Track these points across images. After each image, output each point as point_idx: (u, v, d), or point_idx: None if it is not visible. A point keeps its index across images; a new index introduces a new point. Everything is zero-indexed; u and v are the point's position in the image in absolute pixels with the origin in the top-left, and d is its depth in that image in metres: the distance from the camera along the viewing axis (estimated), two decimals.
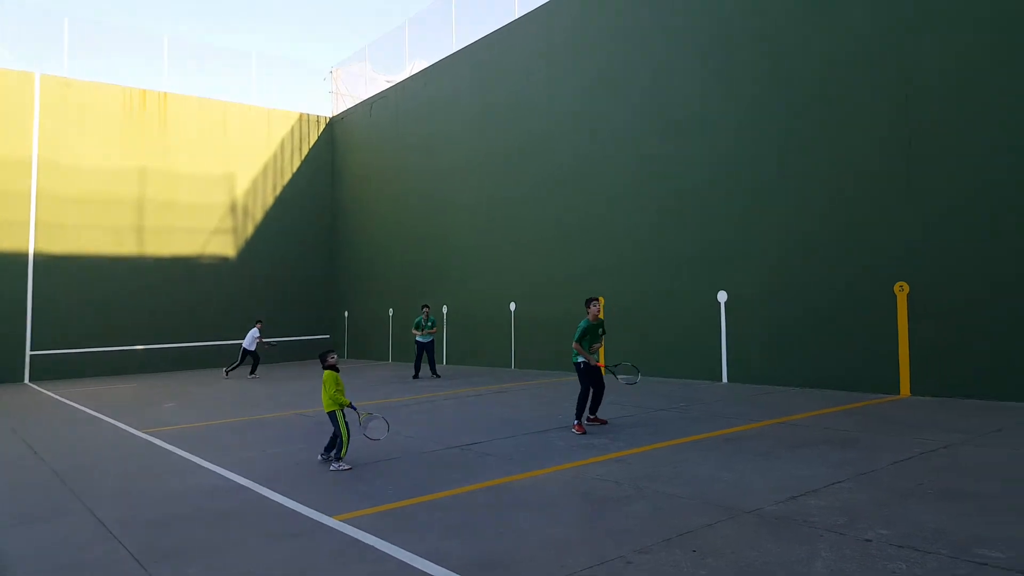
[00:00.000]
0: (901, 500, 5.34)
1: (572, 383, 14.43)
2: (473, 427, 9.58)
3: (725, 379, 13.27)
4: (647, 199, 14.89)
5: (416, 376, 16.94)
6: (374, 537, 5.01)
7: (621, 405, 10.90)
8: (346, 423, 7.44)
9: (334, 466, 7.28)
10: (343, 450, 7.36)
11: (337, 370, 7.71)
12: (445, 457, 7.74)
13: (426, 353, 16.95)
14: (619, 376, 10.16)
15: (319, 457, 7.72)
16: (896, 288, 10.77)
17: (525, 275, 18.22)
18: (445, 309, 21.04)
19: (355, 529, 5.23)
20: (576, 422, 8.84)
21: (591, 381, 9.08)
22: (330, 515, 5.63)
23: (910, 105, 10.67)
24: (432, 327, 17.00)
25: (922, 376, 10.47)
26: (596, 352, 9.15)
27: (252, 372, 19.76)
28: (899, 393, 10.70)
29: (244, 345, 19.83)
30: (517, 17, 18.99)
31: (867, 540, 4.51)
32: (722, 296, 13.35)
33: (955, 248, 10.18)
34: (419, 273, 22.41)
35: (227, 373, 19.79)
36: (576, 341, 9.03)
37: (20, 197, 21.56)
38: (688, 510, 5.34)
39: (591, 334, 9.08)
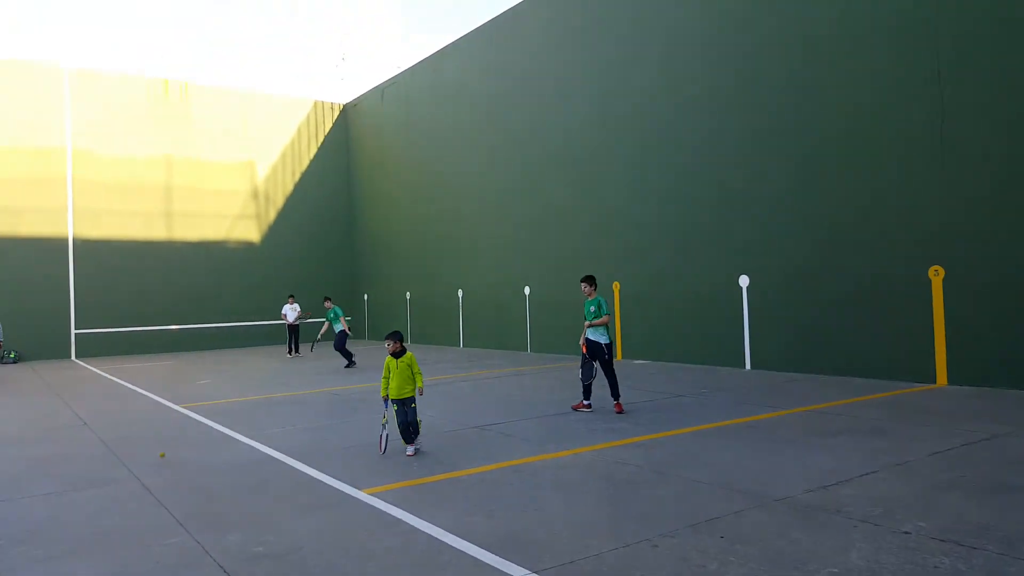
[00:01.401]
0: (941, 492, 5.10)
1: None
2: (492, 408, 9.50)
3: (748, 366, 13.02)
4: (664, 181, 14.60)
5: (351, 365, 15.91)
6: (402, 511, 5.04)
7: (642, 391, 10.70)
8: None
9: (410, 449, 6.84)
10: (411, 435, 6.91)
11: (396, 355, 6.94)
12: (466, 437, 7.67)
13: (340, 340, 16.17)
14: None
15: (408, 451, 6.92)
16: (931, 272, 10.43)
17: (539, 259, 18.05)
18: (461, 293, 20.96)
19: (383, 503, 5.26)
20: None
21: (584, 360, 9.11)
22: (359, 488, 5.68)
23: (943, 80, 10.27)
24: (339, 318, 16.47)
25: (960, 365, 10.13)
26: (593, 330, 9.02)
27: (295, 351, 20.16)
28: (935, 382, 10.38)
29: (290, 320, 20.39)
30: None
31: (905, 532, 4.29)
32: (744, 281, 13.07)
33: (993, 230, 9.79)
34: (435, 257, 22.34)
35: (292, 352, 20.18)
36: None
37: (58, 184, 22.31)
38: (714, 496, 5.16)
39: (585, 313, 9.13)
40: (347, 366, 15.75)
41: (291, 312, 20.46)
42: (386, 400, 6.94)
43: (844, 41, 11.54)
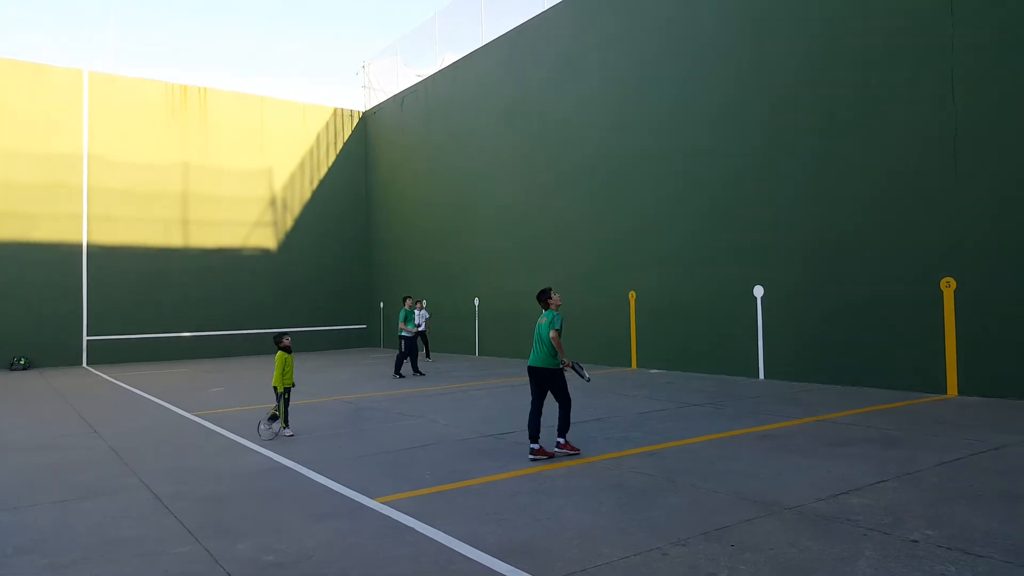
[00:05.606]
0: (950, 501, 5.14)
1: (609, 376, 14.32)
2: (507, 417, 9.54)
3: (762, 375, 13.02)
4: (679, 193, 14.65)
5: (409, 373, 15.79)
6: (413, 520, 5.07)
7: (656, 400, 10.75)
8: (285, 400, 8.59)
9: (283, 432, 8.52)
10: (282, 421, 8.57)
11: (289, 351, 8.78)
12: (479, 445, 7.74)
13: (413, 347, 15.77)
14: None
15: (260, 426, 8.52)
16: (943, 284, 10.42)
17: (556, 269, 18.08)
18: (477, 302, 21.05)
19: (395, 511, 5.29)
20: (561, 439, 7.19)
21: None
22: (371, 497, 5.70)
23: (956, 93, 10.28)
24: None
25: (971, 375, 10.12)
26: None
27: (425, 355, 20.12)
28: (946, 392, 10.36)
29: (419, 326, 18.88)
30: (546, 9, 18.82)
31: (913, 541, 4.34)
32: (758, 291, 13.09)
33: (1004, 242, 9.78)
34: (451, 265, 22.42)
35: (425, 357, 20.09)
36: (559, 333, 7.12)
37: (73, 191, 22.25)
38: (725, 505, 5.21)
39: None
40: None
41: (420, 317, 19.01)
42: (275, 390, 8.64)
43: (860, 52, 11.58)
